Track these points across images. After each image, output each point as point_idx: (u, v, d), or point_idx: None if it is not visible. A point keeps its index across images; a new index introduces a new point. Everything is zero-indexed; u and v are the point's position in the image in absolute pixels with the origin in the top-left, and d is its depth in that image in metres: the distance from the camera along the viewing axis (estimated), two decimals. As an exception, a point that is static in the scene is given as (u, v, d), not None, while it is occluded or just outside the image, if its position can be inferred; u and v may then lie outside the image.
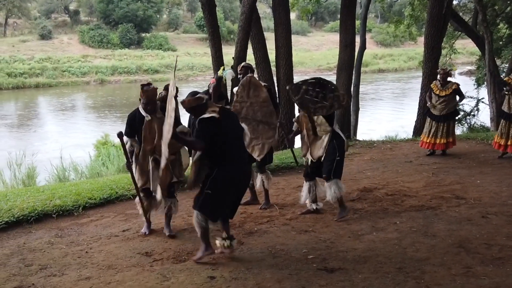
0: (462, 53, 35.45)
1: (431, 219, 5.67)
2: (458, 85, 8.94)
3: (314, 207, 6.08)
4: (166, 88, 7.85)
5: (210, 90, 8.36)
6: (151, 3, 52.53)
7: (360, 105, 16.27)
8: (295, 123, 6.16)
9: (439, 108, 8.91)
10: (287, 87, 5.91)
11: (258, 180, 6.48)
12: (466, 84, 17.89)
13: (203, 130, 4.51)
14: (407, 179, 7.60)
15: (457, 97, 8.97)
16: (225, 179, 4.58)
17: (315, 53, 51.16)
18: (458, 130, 14.75)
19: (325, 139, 5.80)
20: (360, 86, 16.93)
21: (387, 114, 24.19)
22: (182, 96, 5.61)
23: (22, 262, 4.95)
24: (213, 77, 8.72)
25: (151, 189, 5.51)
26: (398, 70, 47.27)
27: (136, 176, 5.51)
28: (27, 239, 5.65)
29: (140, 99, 5.53)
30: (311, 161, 5.96)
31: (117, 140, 14.19)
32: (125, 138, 5.48)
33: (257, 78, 9.06)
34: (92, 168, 11.59)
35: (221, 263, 4.70)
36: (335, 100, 5.57)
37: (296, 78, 7.06)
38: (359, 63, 15.70)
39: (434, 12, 11.25)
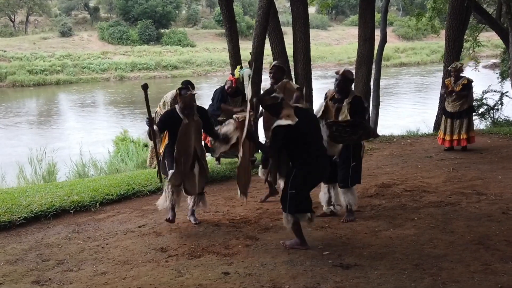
0: (487, 46, 34.73)
1: (450, 215, 5.57)
2: (469, 80, 8.78)
3: (330, 210, 5.87)
4: (184, 83, 7.89)
5: (227, 87, 8.38)
6: (170, -1, 52.80)
7: (381, 100, 16.07)
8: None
9: (453, 105, 8.79)
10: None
11: (260, 173, 6.44)
12: (490, 78, 17.62)
13: (276, 139, 4.71)
14: (427, 174, 7.47)
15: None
16: (305, 177, 4.77)
17: (335, 47, 50.72)
18: (482, 125, 14.54)
19: None
20: (381, 80, 16.73)
21: (409, 108, 23.87)
22: (200, 91, 5.64)
23: (39, 257, 5.02)
24: (231, 73, 8.75)
25: (188, 191, 5.70)
26: (421, 63, 46.41)
27: (174, 174, 5.60)
28: (45, 234, 5.73)
29: (177, 101, 5.67)
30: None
31: (135, 136, 14.48)
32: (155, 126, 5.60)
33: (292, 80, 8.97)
34: (111, 164, 11.70)
35: (236, 259, 4.69)
36: (363, 134, 5.43)
37: (316, 73, 6.97)
38: (379, 57, 15.46)
39: (456, 4, 11.02)
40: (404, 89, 32.24)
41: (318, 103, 5.95)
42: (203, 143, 8.82)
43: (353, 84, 6.18)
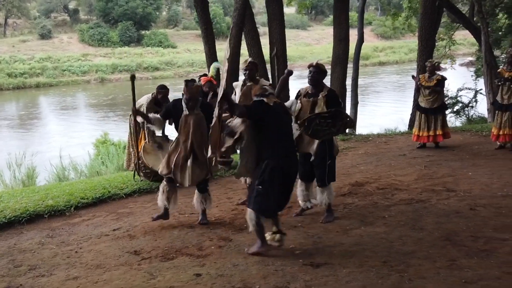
0: (463, 44, 35.28)
1: (420, 213, 5.68)
2: (442, 77, 8.97)
3: (309, 206, 5.95)
4: (159, 87, 7.92)
5: (205, 88, 8.38)
6: (150, 1, 52.56)
7: (360, 99, 16.23)
8: None
9: (427, 101, 8.95)
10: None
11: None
12: (466, 76, 17.93)
13: (253, 107, 4.75)
14: (400, 172, 7.60)
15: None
16: (273, 172, 4.65)
17: (315, 47, 51.03)
18: (457, 122, 14.78)
19: (316, 141, 5.61)
20: (360, 79, 16.91)
21: (388, 107, 24.13)
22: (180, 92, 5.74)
23: (11, 263, 5.00)
24: (200, 76, 8.76)
25: (179, 181, 5.77)
26: (399, 62, 47.09)
27: (163, 163, 5.84)
28: (18, 240, 5.71)
29: (182, 94, 5.82)
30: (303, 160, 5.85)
31: (115, 139, 14.43)
32: (151, 115, 5.94)
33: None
34: (92, 167, 11.66)
35: (208, 260, 4.72)
36: (342, 126, 5.51)
37: (295, 73, 7.01)
38: (357, 57, 15.66)
39: (427, 4, 11.23)
40: (383, 88, 32.59)
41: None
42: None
43: (329, 83, 6.27)
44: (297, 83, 10.83)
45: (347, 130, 10.14)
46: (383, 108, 23.90)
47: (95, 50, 46.58)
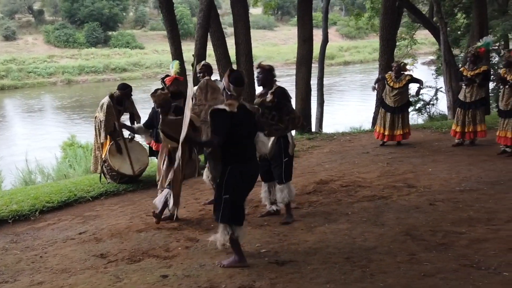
0: (424, 44, 36.09)
1: (381, 209, 5.84)
2: (411, 76, 9.19)
3: (275, 209, 5.96)
4: (120, 87, 7.91)
5: (172, 88, 8.38)
6: (117, 1, 52.08)
7: (326, 98, 16.43)
8: None
9: (393, 100, 9.15)
10: None
11: (206, 179, 6.50)
12: (427, 74, 18.36)
13: (216, 123, 4.35)
14: (363, 170, 7.78)
15: (416, 85, 9.23)
16: (237, 178, 4.43)
17: (282, 47, 51.43)
18: (420, 119, 15.14)
19: (271, 138, 5.62)
20: (326, 79, 17.09)
21: (353, 105, 24.52)
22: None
23: (-26, 270, 4.93)
24: (163, 78, 8.79)
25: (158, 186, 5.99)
26: (364, 61, 48.04)
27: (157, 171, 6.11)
28: (-19, 246, 5.62)
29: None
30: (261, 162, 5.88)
31: (83, 141, 14.29)
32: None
33: (217, 78, 9.13)
34: (59, 170, 11.54)
35: (175, 261, 4.76)
36: (290, 122, 5.53)
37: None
38: (322, 57, 15.87)
39: (388, 5, 11.48)
40: (348, 87, 33.07)
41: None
42: (147, 147, 8.91)
43: (294, 83, 6.33)
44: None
45: (312, 131, 10.36)
46: (348, 106, 24.26)
47: (61, 51, 45.87)
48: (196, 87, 6.45)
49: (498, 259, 4.29)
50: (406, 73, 9.25)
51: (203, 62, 8.10)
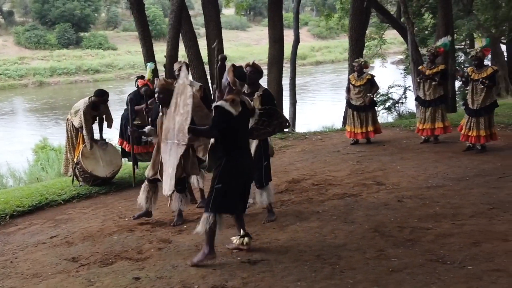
0: (394, 43, 36.64)
1: (351, 206, 5.96)
2: (372, 75, 9.40)
3: (251, 201, 5.91)
4: (97, 94, 7.86)
5: (144, 90, 8.37)
6: (88, 2, 51.44)
7: (298, 98, 16.57)
8: None
9: (356, 98, 9.34)
10: None
11: (194, 179, 6.53)
12: (396, 73, 18.70)
13: (219, 119, 4.48)
14: (334, 168, 7.91)
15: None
16: (232, 169, 4.57)
17: (255, 48, 51.53)
18: (390, 118, 15.42)
19: (254, 142, 5.63)
20: (298, 78, 17.24)
21: (325, 105, 24.76)
22: (123, 95, 5.65)
23: None
24: (137, 78, 8.79)
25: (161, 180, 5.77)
26: (335, 61, 48.49)
27: (149, 166, 5.87)
28: (-51, 253, 5.53)
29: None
30: None
31: (56, 144, 14.11)
32: (146, 129, 5.92)
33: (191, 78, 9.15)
34: (31, 173, 11.39)
35: (148, 263, 4.77)
36: (277, 126, 5.54)
37: None
38: (293, 57, 16.01)
39: (356, 5, 11.68)
40: (320, 87, 33.39)
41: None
42: (119, 148, 8.88)
43: (266, 83, 6.42)
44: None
45: (285, 130, 10.45)
46: (320, 106, 24.49)
47: (32, 53, 45.01)
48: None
49: (463, 253, 4.43)
50: (367, 71, 9.47)
51: (182, 60, 8.15)
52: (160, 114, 5.66)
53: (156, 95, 5.62)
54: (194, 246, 5.08)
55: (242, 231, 4.90)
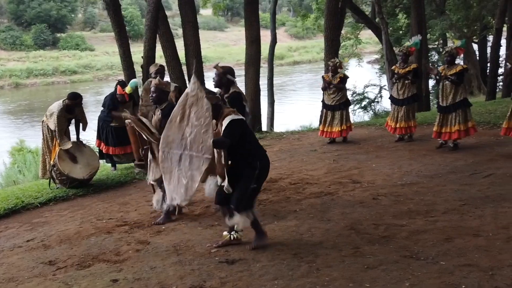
0: (370, 43, 37.05)
1: (328, 205, 6.05)
2: (344, 75, 9.54)
3: None
4: (70, 97, 7.83)
5: (120, 99, 8.37)
6: (65, 2, 50.95)
7: (276, 97, 16.68)
8: None
9: (331, 98, 9.45)
10: None
11: None
12: (371, 73, 18.93)
13: (235, 131, 4.73)
14: (311, 167, 8.00)
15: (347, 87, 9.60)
16: (264, 170, 4.94)
17: (233, 48, 51.64)
18: (366, 116, 15.60)
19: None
20: (276, 78, 17.33)
21: (303, 104, 24.89)
22: (100, 96, 5.60)
23: None
24: (118, 81, 8.79)
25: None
26: (312, 61, 48.84)
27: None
28: None
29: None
30: None
31: (33, 146, 13.95)
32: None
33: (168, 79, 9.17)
34: (8, 176, 11.29)
35: (125, 265, 4.77)
36: None
37: (209, 75, 7.19)
38: (271, 57, 16.10)
39: (331, 6, 11.79)
40: (295, 87, 33.60)
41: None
42: (97, 150, 8.85)
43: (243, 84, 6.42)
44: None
45: (263, 130, 10.52)
46: (298, 105, 24.62)
47: (8, 54, 44.33)
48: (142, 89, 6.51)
49: (436, 249, 4.54)
50: (341, 71, 9.60)
51: (159, 64, 8.19)
52: (157, 113, 5.83)
53: (150, 94, 5.86)
54: (172, 247, 5.10)
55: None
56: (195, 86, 4.71)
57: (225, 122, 4.72)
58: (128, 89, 8.25)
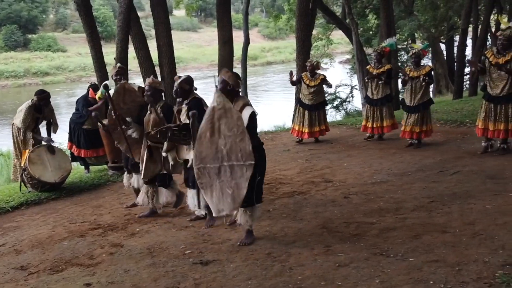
0: (341, 43, 37.51)
1: (300, 204, 6.13)
2: (324, 76, 9.65)
3: (203, 213, 5.91)
4: (37, 93, 7.79)
5: (95, 106, 8.34)
6: (36, 3, 50.13)
7: (250, 98, 16.69)
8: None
9: (309, 98, 9.56)
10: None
11: (135, 180, 6.52)
12: (343, 73, 19.16)
13: (256, 124, 5.02)
14: (284, 167, 8.08)
15: (325, 87, 9.68)
16: (264, 161, 5.05)
17: (207, 49, 51.60)
18: (338, 116, 15.79)
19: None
20: (250, 79, 17.38)
21: (277, 104, 24.99)
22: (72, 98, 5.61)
23: None
24: (91, 85, 8.75)
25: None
26: (285, 61, 49.26)
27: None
28: None
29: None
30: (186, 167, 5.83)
31: (4, 149, 13.68)
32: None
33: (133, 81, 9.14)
34: (-22, 180, 11.03)
35: (99, 269, 4.76)
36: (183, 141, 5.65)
37: (190, 74, 7.14)
38: (244, 57, 16.16)
39: (302, 7, 11.90)
40: (267, 87, 33.76)
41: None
42: (69, 152, 8.78)
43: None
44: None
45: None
46: (271, 106, 24.70)
47: (-22, 56, 43.57)
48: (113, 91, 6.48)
49: (405, 246, 4.64)
50: (320, 72, 9.71)
51: (118, 65, 8.21)
52: (148, 112, 5.91)
53: (144, 93, 5.95)
54: (146, 249, 5.10)
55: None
56: (221, 99, 4.73)
57: (247, 113, 4.85)
58: (98, 94, 8.23)
